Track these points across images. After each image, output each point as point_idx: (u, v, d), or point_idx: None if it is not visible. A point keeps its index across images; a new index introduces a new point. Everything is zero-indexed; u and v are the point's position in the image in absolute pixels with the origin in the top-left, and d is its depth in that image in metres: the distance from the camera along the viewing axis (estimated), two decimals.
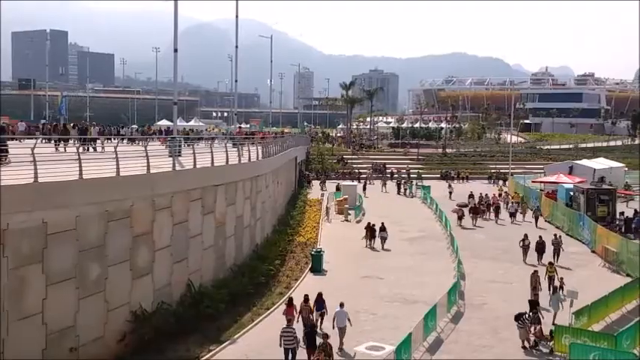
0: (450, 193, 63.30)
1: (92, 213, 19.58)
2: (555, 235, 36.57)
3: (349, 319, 22.33)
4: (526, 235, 36.20)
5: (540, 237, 35.85)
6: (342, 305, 22.74)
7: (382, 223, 40.76)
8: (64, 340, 18.47)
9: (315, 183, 72.24)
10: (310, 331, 21.09)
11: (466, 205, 51.86)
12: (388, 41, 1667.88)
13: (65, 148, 29.93)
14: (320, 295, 24.07)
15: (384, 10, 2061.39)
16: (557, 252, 34.89)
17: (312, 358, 19.72)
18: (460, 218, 47.83)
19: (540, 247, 35.14)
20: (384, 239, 39.88)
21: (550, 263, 30.68)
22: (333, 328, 22.09)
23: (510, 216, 49.90)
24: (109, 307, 20.31)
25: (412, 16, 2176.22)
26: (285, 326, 20.66)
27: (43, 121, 67.73)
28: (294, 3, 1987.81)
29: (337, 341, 21.57)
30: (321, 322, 23.60)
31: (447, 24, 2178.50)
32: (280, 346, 20.24)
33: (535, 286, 27.00)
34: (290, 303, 23.27)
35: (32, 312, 17.50)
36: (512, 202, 52.76)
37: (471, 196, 54.53)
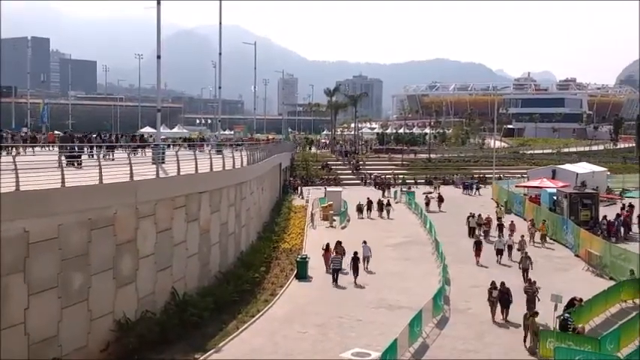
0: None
1: (75, 221, 19.43)
2: (530, 280, 28.31)
3: (370, 250, 34.63)
4: (494, 284, 26.43)
5: (503, 284, 26.22)
6: (365, 242, 35.23)
7: (388, 200, 58.34)
8: (46, 350, 18.29)
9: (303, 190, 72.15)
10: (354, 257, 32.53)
11: (431, 193, 64.73)
12: (372, 47, 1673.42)
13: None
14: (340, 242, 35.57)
15: (367, 17, 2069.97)
16: (532, 302, 25.84)
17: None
18: (427, 204, 58.13)
19: (505, 299, 25.87)
20: (388, 212, 54.44)
21: (535, 314, 23.28)
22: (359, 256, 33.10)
23: (497, 254, 36.94)
24: (92, 316, 20.14)
25: (395, 22, 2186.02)
26: (334, 255, 33.07)
27: (24, 129, 67.36)
28: (278, 9, 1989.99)
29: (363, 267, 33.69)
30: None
31: (429, 30, 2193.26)
32: (329, 269, 32.71)
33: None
34: (327, 248, 34.89)
35: (14, 322, 17.31)
36: (536, 231, 42.93)
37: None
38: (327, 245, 35.21)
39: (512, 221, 45.97)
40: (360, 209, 54.67)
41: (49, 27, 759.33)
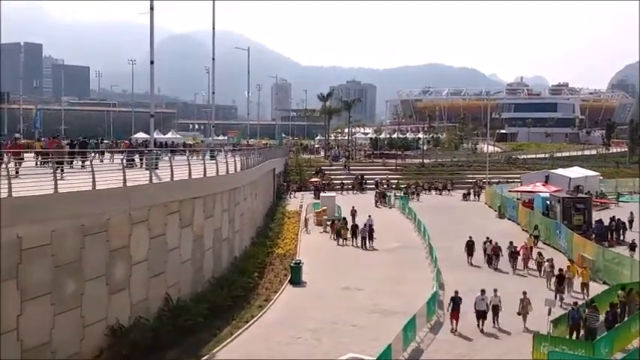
0: None
1: (68, 227, 19.37)
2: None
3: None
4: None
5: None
6: (370, 216, 46.58)
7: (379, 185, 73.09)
8: (40, 357, 18.20)
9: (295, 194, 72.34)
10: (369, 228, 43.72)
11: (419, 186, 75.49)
12: (365, 52, 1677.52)
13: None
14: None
15: (361, 22, 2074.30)
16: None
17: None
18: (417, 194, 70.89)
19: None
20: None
21: None
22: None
23: (478, 317, 25.57)
24: (85, 323, 20.06)
25: (388, 27, 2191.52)
26: (362, 228, 43.73)
27: (17, 135, 67.29)
28: (271, 15, 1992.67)
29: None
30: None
31: (423, 35, 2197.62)
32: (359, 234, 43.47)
33: None
34: (333, 222, 46.90)
35: (7, 328, 17.23)
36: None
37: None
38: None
39: (526, 244, 38.04)
40: (339, 233, 44.77)
41: (41, 32, 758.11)
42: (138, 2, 43.08)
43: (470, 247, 38.01)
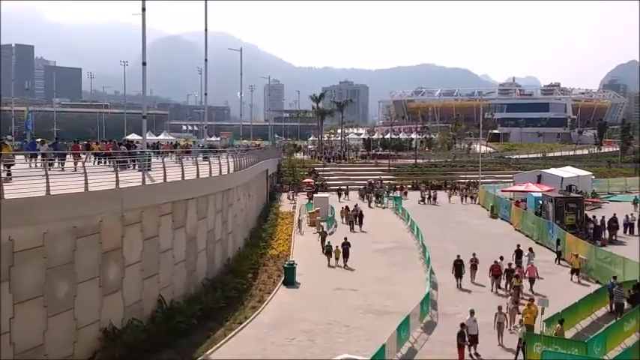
0: None
1: (60, 229, 19.26)
2: None
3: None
4: None
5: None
6: (356, 205, 55.04)
7: (371, 184, 72.56)
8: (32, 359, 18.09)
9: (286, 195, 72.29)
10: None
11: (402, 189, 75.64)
12: (358, 53, 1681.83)
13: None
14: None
15: (353, 23, 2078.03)
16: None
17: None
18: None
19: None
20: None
21: None
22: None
23: (472, 342, 22.47)
24: (78, 325, 19.95)
25: (381, 27, 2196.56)
26: (350, 212, 51.10)
27: (9, 137, 67.10)
28: (264, 16, 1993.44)
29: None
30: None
31: (415, 35, 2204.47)
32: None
33: None
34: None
35: (0, 331, 17.11)
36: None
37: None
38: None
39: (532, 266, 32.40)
40: (329, 252, 38.55)
41: (32, 34, 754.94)
42: (130, 3, 43.02)
43: (458, 267, 32.36)
